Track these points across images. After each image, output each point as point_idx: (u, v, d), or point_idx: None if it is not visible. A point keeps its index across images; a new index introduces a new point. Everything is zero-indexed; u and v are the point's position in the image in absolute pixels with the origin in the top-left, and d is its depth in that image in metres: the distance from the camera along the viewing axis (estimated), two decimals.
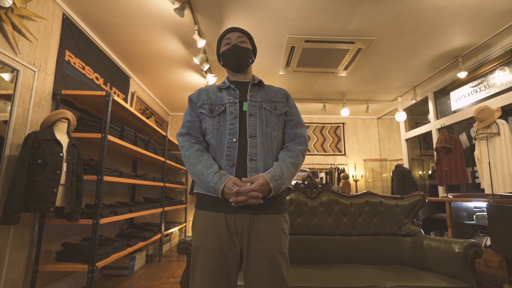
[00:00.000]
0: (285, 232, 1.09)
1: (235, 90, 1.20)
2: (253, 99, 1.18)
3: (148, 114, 4.54)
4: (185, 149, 1.13)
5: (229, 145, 1.09)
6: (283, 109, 1.21)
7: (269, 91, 1.24)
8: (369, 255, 2.00)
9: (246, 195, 0.99)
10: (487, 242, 2.66)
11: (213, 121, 1.14)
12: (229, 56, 1.22)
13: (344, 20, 2.73)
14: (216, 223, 1.04)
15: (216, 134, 1.12)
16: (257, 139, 1.10)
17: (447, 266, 1.70)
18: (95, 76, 3.00)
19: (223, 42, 1.25)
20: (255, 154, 1.08)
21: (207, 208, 1.08)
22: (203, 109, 1.17)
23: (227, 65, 1.25)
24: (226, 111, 1.14)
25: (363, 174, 5.83)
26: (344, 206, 2.13)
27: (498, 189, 2.86)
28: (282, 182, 1.05)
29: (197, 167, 1.06)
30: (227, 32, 1.25)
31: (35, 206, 1.85)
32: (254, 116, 1.14)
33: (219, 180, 1.01)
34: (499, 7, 2.52)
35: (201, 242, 1.05)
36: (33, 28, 2.17)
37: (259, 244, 1.02)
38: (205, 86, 1.24)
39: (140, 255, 3.40)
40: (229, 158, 1.08)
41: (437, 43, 3.12)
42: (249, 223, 1.03)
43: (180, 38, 3.03)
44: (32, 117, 2.15)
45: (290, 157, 1.12)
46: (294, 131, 1.21)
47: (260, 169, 1.07)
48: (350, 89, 4.56)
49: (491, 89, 3.26)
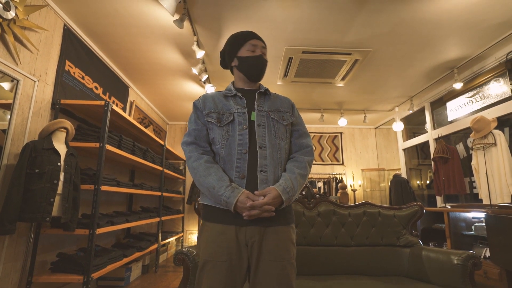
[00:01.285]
0: (293, 242, 1.09)
1: (242, 99, 1.17)
2: (260, 108, 1.16)
3: (146, 123, 4.55)
4: (193, 160, 1.09)
5: (239, 156, 1.07)
6: (290, 119, 1.20)
7: (276, 101, 1.22)
8: (367, 266, 1.98)
9: (259, 209, 0.99)
10: (487, 253, 2.65)
11: (221, 131, 1.11)
12: (253, 65, 1.18)
13: (341, 32, 2.78)
14: (225, 236, 1.02)
15: (226, 144, 1.09)
16: (267, 150, 1.09)
17: (446, 278, 1.69)
18: (94, 86, 3.03)
19: (247, 46, 1.19)
20: (265, 166, 1.07)
21: (216, 220, 1.06)
22: (210, 117, 1.13)
23: (248, 72, 1.20)
24: (235, 120, 1.12)
25: (361, 184, 5.83)
26: (342, 217, 2.12)
27: (496, 199, 2.86)
28: (293, 194, 1.05)
29: (207, 179, 1.03)
30: (252, 37, 1.20)
31: (31, 215, 1.84)
32: (262, 126, 1.12)
33: (232, 194, 0.99)
34: (492, 20, 2.58)
35: (209, 255, 1.03)
36: (34, 39, 2.20)
37: (269, 255, 1.01)
38: (208, 92, 1.23)
39: (136, 266, 3.36)
40: (239, 170, 1.06)
41: (432, 54, 3.17)
42: (259, 235, 1.02)
43: (179, 49, 3.07)
44: (30, 126, 2.16)
45: (298, 168, 1.11)
46: (300, 141, 1.20)
47: (270, 181, 1.06)
48: (347, 99, 4.60)
49: (486, 100, 3.31)
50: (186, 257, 1.55)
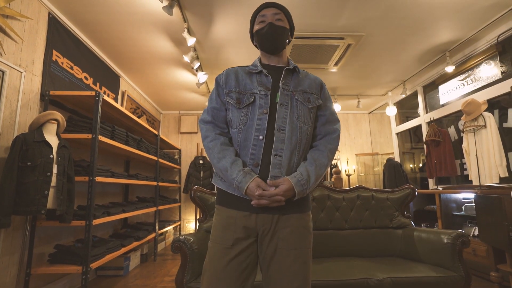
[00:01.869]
0: (310, 230, 1.05)
1: (267, 77, 1.09)
2: (285, 87, 1.07)
3: (139, 113, 4.50)
4: (209, 140, 1.06)
5: (254, 142, 1.01)
6: (316, 102, 1.11)
7: (304, 80, 1.13)
8: (361, 248, 2.04)
9: (268, 199, 0.94)
10: (475, 232, 2.74)
11: (240, 113, 1.05)
12: (263, 36, 1.10)
13: (333, 16, 2.74)
14: (235, 221, 1.00)
15: (243, 129, 1.04)
16: (286, 133, 1.01)
17: (437, 257, 1.75)
18: (84, 76, 2.96)
19: (257, 19, 1.13)
20: (281, 150, 1.00)
21: (228, 205, 1.04)
22: (230, 97, 1.07)
23: (261, 46, 1.13)
24: (256, 103, 1.04)
25: (356, 169, 5.90)
26: (336, 201, 2.16)
27: (485, 180, 2.93)
28: (308, 187, 0.98)
29: (221, 162, 1.00)
30: (262, 8, 1.13)
31: (26, 209, 1.83)
32: (285, 106, 1.04)
33: (243, 179, 0.96)
34: (483, 2, 2.57)
35: (215, 238, 1.01)
36: (18, 28, 2.13)
37: (283, 243, 0.97)
38: (232, 67, 1.16)
39: (135, 255, 3.40)
40: (253, 157, 1.01)
41: (424, 37, 3.16)
42: (272, 223, 0.99)
43: (169, 36, 3.01)
44: (20, 119, 2.12)
45: (318, 158, 1.04)
46: (327, 127, 1.12)
47: (284, 166, 1.00)
48: (341, 84, 4.59)
49: (478, 83, 3.33)
50: (184, 245, 1.57)
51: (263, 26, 1.10)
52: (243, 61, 3.63)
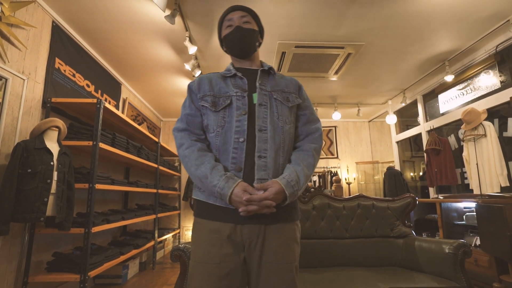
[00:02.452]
0: (297, 241, 0.98)
1: (242, 79, 1.04)
2: (263, 87, 1.03)
3: (140, 121, 4.51)
4: (185, 148, 0.97)
5: (235, 145, 0.94)
6: (296, 101, 1.07)
7: (280, 80, 1.09)
8: (362, 258, 2.02)
9: (258, 204, 0.86)
10: (477, 242, 2.72)
11: (217, 116, 0.98)
12: (232, 40, 1.06)
13: (333, 26, 2.78)
14: (219, 235, 0.90)
15: (221, 132, 0.97)
16: (268, 133, 0.96)
17: (438, 267, 1.73)
18: (86, 83, 2.99)
19: (224, 24, 1.10)
20: (264, 150, 0.94)
21: (209, 217, 0.94)
22: (205, 101, 1.01)
23: (231, 51, 1.09)
24: (232, 105, 0.98)
25: (356, 177, 5.89)
26: (336, 210, 2.15)
27: (486, 189, 2.92)
28: (299, 188, 0.92)
29: (200, 168, 0.91)
30: (228, 12, 1.09)
31: (25, 216, 1.82)
32: (264, 106, 0.99)
33: (226, 184, 0.87)
34: (481, 13, 2.60)
35: (200, 257, 0.91)
36: (22, 36, 2.16)
37: (271, 257, 0.90)
38: (205, 74, 1.11)
39: (134, 263, 3.36)
40: (235, 161, 0.93)
41: (424, 47, 3.20)
42: (259, 234, 0.91)
43: (171, 45, 3.04)
44: (21, 125, 2.13)
45: (304, 158, 0.99)
46: (308, 127, 1.08)
47: (270, 168, 0.93)
48: (341, 93, 4.62)
49: (477, 92, 3.35)
50: (183, 253, 1.56)
51: (231, 30, 1.07)
52: None
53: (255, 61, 1.12)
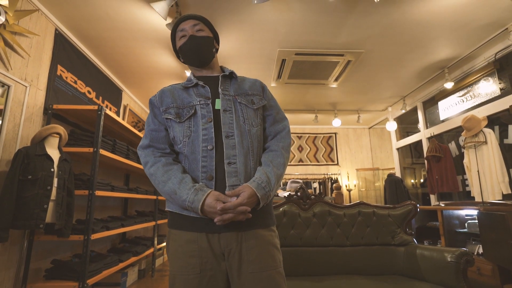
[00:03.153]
0: (277, 247, 0.96)
1: (204, 87, 1.03)
2: (225, 92, 1.02)
3: (140, 127, 4.53)
4: (149, 166, 0.95)
5: (204, 154, 0.92)
6: (260, 102, 1.06)
7: (243, 83, 1.09)
8: (363, 266, 2.00)
9: (233, 212, 0.84)
10: (479, 250, 2.69)
11: (182, 127, 0.97)
12: (188, 50, 1.05)
13: (333, 34, 2.81)
14: (196, 245, 0.88)
15: (188, 142, 0.95)
16: (235, 138, 0.95)
17: (440, 275, 1.71)
18: (87, 90, 3.01)
19: (178, 35, 1.09)
20: (233, 156, 0.93)
21: (183, 228, 0.92)
22: (168, 114, 0.99)
23: (189, 61, 1.09)
24: (197, 114, 0.97)
25: (356, 184, 5.87)
26: (337, 217, 2.14)
27: (488, 196, 2.91)
28: (270, 189, 0.90)
29: (167, 185, 0.90)
30: (179, 22, 1.08)
31: (25, 223, 1.81)
32: (229, 111, 0.98)
33: (196, 197, 0.85)
34: (480, 21, 2.63)
35: (178, 269, 0.88)
36: (25, 44, 2.18)
37: (253, 266, 0.87)
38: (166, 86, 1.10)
39: (133, 270, 3.33)
40: (205, 169, 0.92)
41: (423, 54, 3.22)
42: (236, 242, 0.89)
43: (172, 52, 3.07)
44: (22, 132, 2.14)
45: (274, 158, 0.98)
46: (275, 126, 1.07)
47: (241, 173, 0.92)
48: (341, 99, 4.64)
49: (477, 99, 3.36)
50: None
51: (185, 40, 1.06)
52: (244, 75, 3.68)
53: (215, 67, 1.12)
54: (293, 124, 5.92)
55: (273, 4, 2.37)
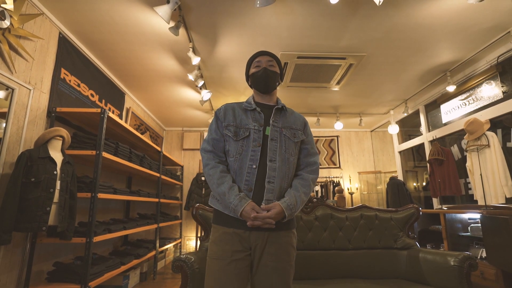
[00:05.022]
0: (294, 246, 1.20)
1: (260, 114, 1.26)
2: (275, 124, 1.25)
3: (143, 130, 4.54)
4: (210, 168, 1.20)
5: (248, 170, 1.17)
6: (301, 137, 1.28)
7: (290, 118, 1.31)
8: (365, 269, 1.99)
9: (261, 221, 1.09)
10: (483, 254, 2.67)
11: (236, 145, 1.21)
12: (258, 78, 1.29)
13: (335, 37, 2.81)
14: (232, 237, 1.14)
15: (239, 158, 1.19)
16: (276, 163, 1.18)
17: (443, 279, 1.70)
18: (90, 93, 3.02)
19: (253, 64, 1.32)
20: (273, 177, 1.17)
21: (224, 224, 1.18)
22: (228, 131, 1.23)
23: (256, 87, 1.31)
24: (250, 136, 1.21)
25: (358, 187, 5.85)
26: (339, 220, 2.13)
27: (491, 200, 2.89)
28: (295, 210, 1.15)
29: (220, 187, 1.14)
30: (258, 55, 1.33)
31: (28, 225, 1.82)
32: (275, 141, 1.21)
33: (239, 203, 1.10)
34: (482, 24, 2.63)
35: (217, 253, 1.14)
36: (29, 47, 2.20)
37: (270, 258, 1.12)
38: (229, 103, 1.34)
39: (134, 273, 3.33)
40: (248, 183, 1.16)
41: (425, 58, 3.22)
42: (262, 240, 1.13)
43: (175, 55, 3.09)
44: (26, 135, 2.15)
45: (303, 186, 1.21)
46: (308, 159, 1.29)
47: (276, 191, 1.16)
48: (343, 102, 4.64)
49: (479, 102, 3.35)
50: (184, 264, 1.55)
51: (259, 70, 1.29)
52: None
53: (273, 97, 1.34)
54: None
55: (275, 7, 2.39)
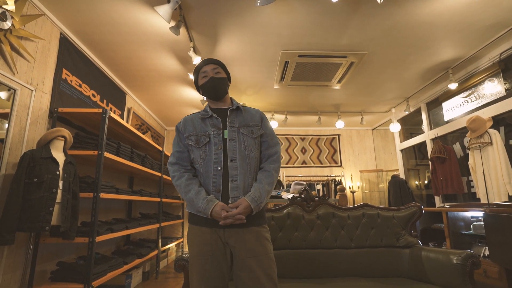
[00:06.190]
0: (268, 239, 1.27)
1: (217, 119, 1.34)
2: (232, 125, 1.32)
3: (144, 129, 4.55)
4: (176, 179, 1.30)
5: (214, 172, 1.26)
6: (259, 132, 1.36)
7: (246, 116, 1.37)
8: (367, 268, 1.99)
9: (232, 218, 1.17)
10: (486, 252, 2.66)
11: (199, 151, 1.30)
12: (208, 88, 1.37)
13: (336, 35, 2.81)
14: (208, 236, 1.22)
15: (203, 163, 1.28)
16: (237, 162, 1.27)
17: (446, 278, 1.69)
18: (91, 93, 3.03)
19: (200, 75, 1.40)
20: (235, 175, 1.25)
21: (199, 224, 1.26)
22: (190, 140, 1.32)
23: (208, 96, 1.39)
24: (211, 141, 1.29)
25: (360, 185, 5.84)
26: (341, 219, 2.13)
27: (494, 198, 2.88)
28: (261, 201, 1.23)
29: (188, 195, 1.24)
30: (202, 65, 1.40)
31: (31, 225, 1.83)
32: (234, 140, 1.30)
33: (207, 206, 1.19)
34: (484, 21, 2.62)
35: (197, 252, 1.21)
36: (31, 48, 2.21)
37: (249, 253, 1.18)
38: (187, 115, 1.43)
39: (137, 272, 3.34)
40: (215, 184, 1.25)
41: (427, 56, 3.21)
42: (235, 235, 1.21)
43: (175, 55, 3.08)
44: (28, 135, 2.16)
45: (266, 177, 1.29)
46: (269, 151, 1.37)
47: (240, 188, 1.24)
48: (344, 101, 4.63)
49: (481, 100, 3.34)
50: (187, 263, 1.55)
51: (206, 80, 1.36)
52: (247, 78, 3.69)
53: (227, 101, 1.42)
54: (296, 126, 5.92)
55: (276, 6, 2.38)
